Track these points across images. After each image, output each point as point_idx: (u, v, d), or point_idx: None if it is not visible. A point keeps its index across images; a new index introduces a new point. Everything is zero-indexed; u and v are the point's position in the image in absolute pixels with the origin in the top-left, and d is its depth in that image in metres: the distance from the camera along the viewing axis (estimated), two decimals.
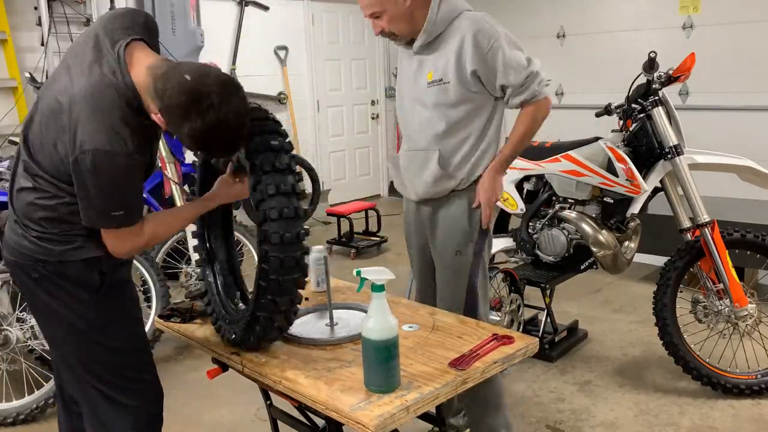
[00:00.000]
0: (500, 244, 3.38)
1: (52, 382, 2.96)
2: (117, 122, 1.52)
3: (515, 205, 3.32)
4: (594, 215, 3.17)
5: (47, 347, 3.09)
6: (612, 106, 3.11)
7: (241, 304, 1.91)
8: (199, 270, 2.22)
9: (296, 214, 1.54)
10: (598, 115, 3.20)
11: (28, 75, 4.21)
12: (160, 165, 3.93)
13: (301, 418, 2.06)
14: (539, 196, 3.33)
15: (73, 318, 1.69)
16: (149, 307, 3.43)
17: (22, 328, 3.02)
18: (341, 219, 5.56)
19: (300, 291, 1.64)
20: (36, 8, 4.74)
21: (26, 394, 2.97)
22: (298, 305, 1.68)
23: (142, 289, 3.48)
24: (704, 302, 2.96)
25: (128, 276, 1.85)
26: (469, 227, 2.24)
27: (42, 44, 4.75)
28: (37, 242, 1.65)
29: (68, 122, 1.53)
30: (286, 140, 1.62)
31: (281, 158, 1.56)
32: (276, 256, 1.53)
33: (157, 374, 1.90)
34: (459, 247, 2.25)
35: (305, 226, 1.59)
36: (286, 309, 1.64)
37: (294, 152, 1.62)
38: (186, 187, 3.74)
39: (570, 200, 3.25)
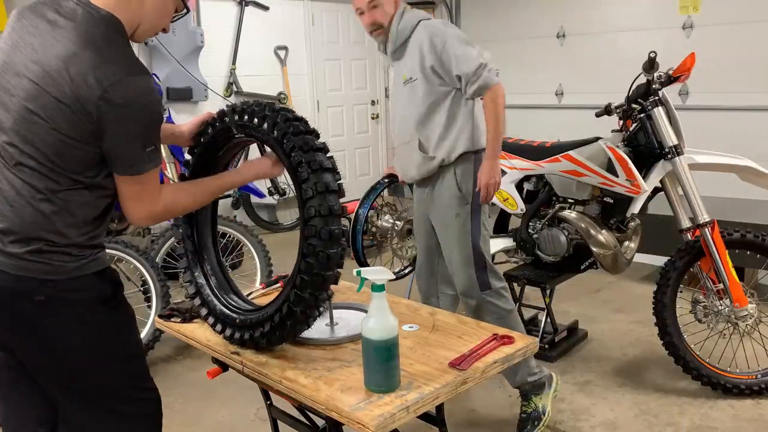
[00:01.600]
0: (500, 244, 3.38)
1: None
2: (125, 51, 1.46)
3: (515, 205, 3.32)
4: (594, 215, 3.16)
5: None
6: (612, 106, 3.10)
7: (243, 303, 1.89)
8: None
9: (342, 212, 1.61)
10: (598, 115, 3.19)
11: None
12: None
13: (301, 418, 2.06)
14: (539, 196, 3.33)
15: (83, 336, 1.52)
16: (149, 307, 3.43)
17: None
18: None
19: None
20: None
21: None
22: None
23: (142, 289, 3.48)
24: (704, 302, 2.95)
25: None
26: (460, 192, 2.63)
27: None
28: (46, 260, 1.46)
29: (71, 79, 1.39)
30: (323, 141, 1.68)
31: (327, 158, 1.63)
32: (323, 252, 1.56)
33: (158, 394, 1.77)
34: (456, 210, 2.63)
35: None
36: (319, 306, 1.66)
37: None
38: None
39: (570, 200, 3.25)
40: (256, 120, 1.67)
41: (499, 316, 2.67)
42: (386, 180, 3.26)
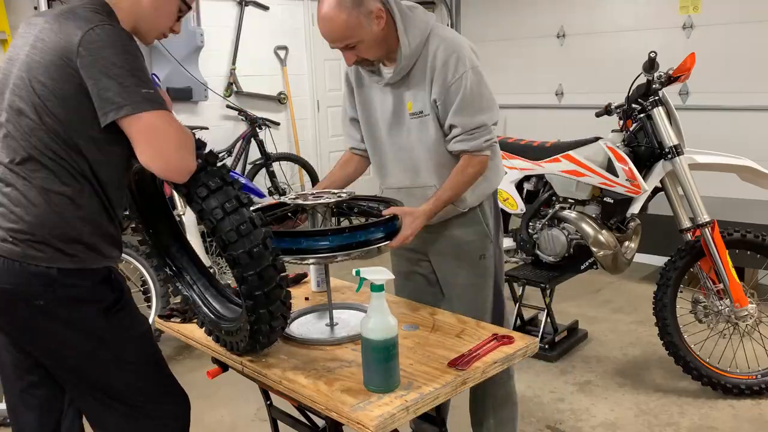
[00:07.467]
0: None
1: None
2: (106, 17, 1.47)
3: (515, 205, 3.32)
4: (594, 215, 3.17)
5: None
6: (612, 106, 3.11)
7: (228, 307, 1.87)
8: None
9: (253, 224, 1.46)
10: (598, 115, 3.20)
11: None
12: None
13: (301, 418, 2.05)
14: (539, 196, 3.33)
15: (86, 342, 1.53)
16: (149, 307, 3.43)
17: None
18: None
19: (289, 288, 1.59)
20: (36, 8, 4.74)
21: None
22: (291, 301, 1.62)
23: (141, 289, 3.48)
24: (704, 302, 2.96)
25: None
26: (487, 229, 2.14)
27: None
28: (51, 262, 1.45)
29: (60, 37, 1.43)
30: (205, 150, 1.50)
31: (211, 176, 1.45)
32: (252, 274, 1.47)
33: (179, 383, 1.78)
34: (481, 251, 2.14)
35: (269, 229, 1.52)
36: (282, 313, 1.60)
37: (220, 163, 1.51)
38: None
39: (570, 200, 3.25)
40: None
41: (501, 379, 2.22)
42: None
